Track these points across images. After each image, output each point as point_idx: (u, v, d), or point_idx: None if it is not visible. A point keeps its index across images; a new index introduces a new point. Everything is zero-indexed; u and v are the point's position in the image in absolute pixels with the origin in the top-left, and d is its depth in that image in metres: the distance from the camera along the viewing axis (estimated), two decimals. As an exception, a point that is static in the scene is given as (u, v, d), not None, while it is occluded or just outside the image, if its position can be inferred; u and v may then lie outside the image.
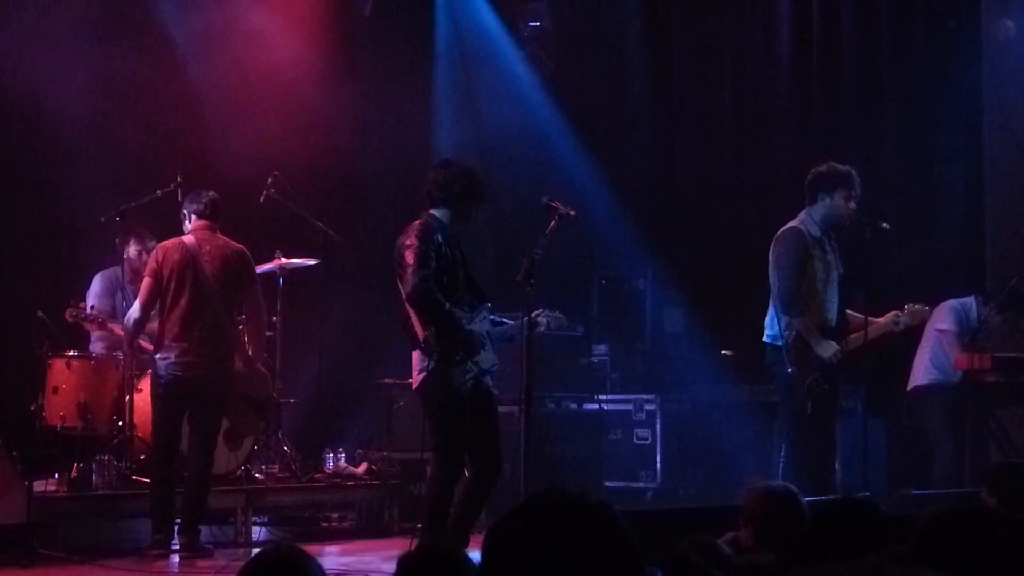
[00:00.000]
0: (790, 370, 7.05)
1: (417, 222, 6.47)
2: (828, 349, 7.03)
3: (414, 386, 6.51)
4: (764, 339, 7.28)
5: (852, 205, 7.16)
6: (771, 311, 7.23)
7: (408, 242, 6.34)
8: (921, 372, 8.85)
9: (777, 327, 7.13)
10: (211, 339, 7.44)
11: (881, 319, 7.29)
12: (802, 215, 7.23)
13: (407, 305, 6.37)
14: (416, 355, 6.42)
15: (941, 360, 8.78)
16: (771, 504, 4.02)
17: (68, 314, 8.00)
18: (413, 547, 3.54)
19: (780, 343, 7.10)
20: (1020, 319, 8.77)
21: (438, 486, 6.43)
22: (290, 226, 9.18)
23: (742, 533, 4.00)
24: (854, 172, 7.23)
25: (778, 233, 7.24)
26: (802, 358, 7.03)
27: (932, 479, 8.48)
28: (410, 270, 6.25)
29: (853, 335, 7.18)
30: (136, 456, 7.91)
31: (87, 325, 8.22)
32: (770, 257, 7.21)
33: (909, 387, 8.90)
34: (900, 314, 7.32)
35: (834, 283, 7.18)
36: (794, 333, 7.05)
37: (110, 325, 8.19)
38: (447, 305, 6.32)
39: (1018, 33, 10.42)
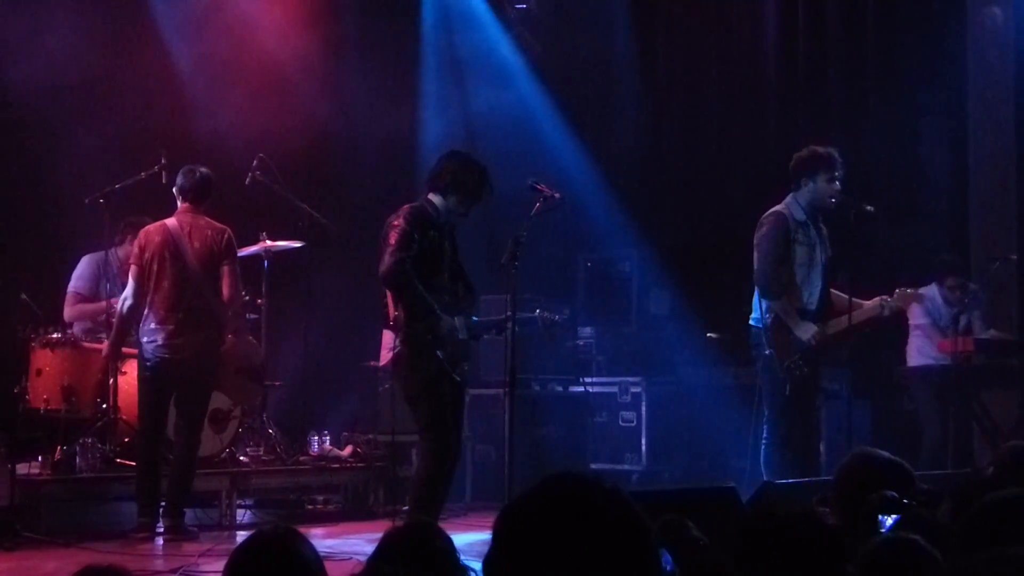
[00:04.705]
0: (768, 352, 7.10)
1: (410, 204, 6.48)
2: (807, 331, 7.05)
3: (381, 363, 6.56)
4: (750, 321, 7.32)
5: (836, 186, 7.16)
6: (756, 294, 7.27)
7: (396, 222, 6.35)
8: (913, 355, 9.03)
9: (760, 310, 7.18)
10: (197, 321, 7.42)
11: (867, 303, 7.29)
12: (788, 199, 7.25)
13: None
14: (387, 334, 6.47)
15: (926, 347, 8.96)
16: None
17: (41, 341, 7.89)
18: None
19: (762, 325, 7.15)
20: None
21: (428, 466, 6.43)
22: (275, 208, 9.15)
23: None
24: (835, 153, 7.22)
25: (762, 217, 7.26)
26: (781, 340, 7.07)
27: (920, 460, 8.53)
28: (389, 250, 6.28)
29: (835, 319, 7.18)
30: (120, 439, 7.89)
31: (60, 348, 7.96)
32: (754, 241, 7.25)
33: (903, 368, 9.06)
34: (888, 299, 7.25)
35: (817, 267, 7.18)
36: (773, 316, 7.10)
37: (84, 344, 8.06)
38: (420, 289, 6.33)
39: (1004, 19, 10.44)
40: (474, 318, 6.75)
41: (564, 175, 9.88)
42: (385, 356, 6.54)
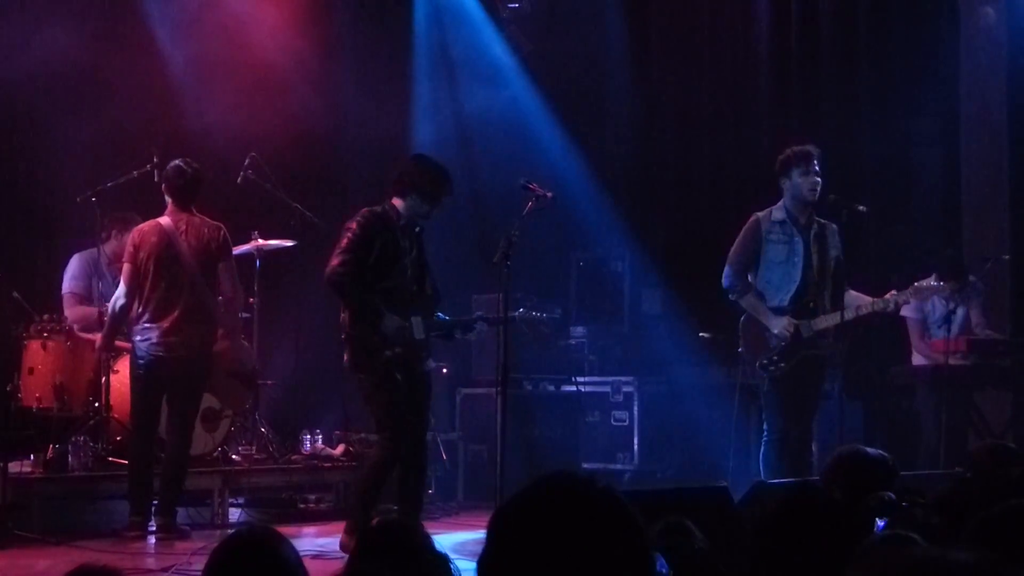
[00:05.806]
0: (740, 349, 7.16)
1: (368, 208, 6.58)
2: (779, 324, 7.06)
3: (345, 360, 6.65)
4: None
5: (813, 178, 7.14)
6: None
7: (349, 226, 6.51)
8: (913, 354, 9.07)
9: None
10: (192, 319, 7.41)
11: (867, 299, 7.28)
12: (779, 203, 7.31)
13: None
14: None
15: (920, 346, 8.99)
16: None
17: (34, 329, 7.88)
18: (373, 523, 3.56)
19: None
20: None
21: (375, 461, 6.52)
22: (267, 207, 9.15)
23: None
24: (810, 148, 7.22)
25: None
26: (751, 337, 7.14)
27: (918, 460, 8.56)
28: (335, 252, 6.44)
29: (823, 316, 7.19)
30: (112, 437, 7.89)
31: (55, 337, 7.94)
32: None
33: (906, 366, 9.11)
34: (896, 293, 7.29)
35: (796, 266, 7.16)
36: (744, 315, 7.16)
37: (79, 333, 8.05)
38: (360, 291, 6.41)
39: (996, 19, 10.46)
40: (441, 316, 6.77)
41: (556, 174, 9.88)
42: (345, 356, 6.67)
